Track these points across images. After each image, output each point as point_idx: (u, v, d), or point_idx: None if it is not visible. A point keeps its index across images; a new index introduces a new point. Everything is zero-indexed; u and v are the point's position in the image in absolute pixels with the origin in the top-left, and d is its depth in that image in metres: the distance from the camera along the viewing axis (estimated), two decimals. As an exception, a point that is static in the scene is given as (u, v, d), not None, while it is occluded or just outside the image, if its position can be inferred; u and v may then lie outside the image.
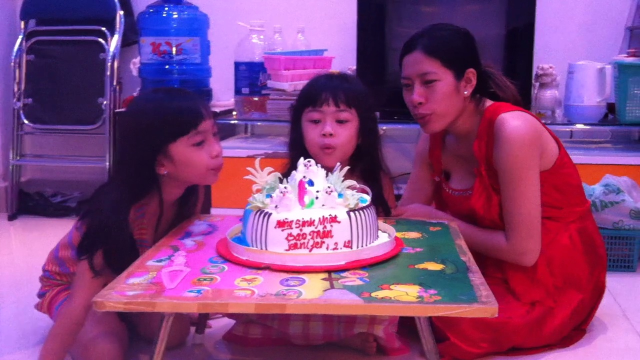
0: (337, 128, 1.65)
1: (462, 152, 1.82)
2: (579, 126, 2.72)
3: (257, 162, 1.44)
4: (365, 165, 1.70)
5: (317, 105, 1.66)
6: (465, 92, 1.72)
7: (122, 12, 3.24)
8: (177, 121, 1.53)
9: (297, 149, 1.69)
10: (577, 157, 2.10)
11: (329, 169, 1.46)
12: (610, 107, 2.74)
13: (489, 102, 1.77)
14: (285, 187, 1.37)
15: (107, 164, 3.19)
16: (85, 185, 3.42)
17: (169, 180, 1.58)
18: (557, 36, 2.99)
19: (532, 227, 1.68)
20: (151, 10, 3.01)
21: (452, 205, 1.85)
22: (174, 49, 2.96)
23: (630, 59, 2.68)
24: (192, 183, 1.64)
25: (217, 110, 3.09)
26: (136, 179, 1.54)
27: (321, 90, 1.66)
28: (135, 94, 3.18)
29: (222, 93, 3.24)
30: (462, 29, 1.76)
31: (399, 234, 1.51)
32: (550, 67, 2.78)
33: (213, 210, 2.81)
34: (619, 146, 2.75)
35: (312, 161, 1.43)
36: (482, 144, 1.72)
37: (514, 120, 1.67)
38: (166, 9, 2.99)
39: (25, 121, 3.27)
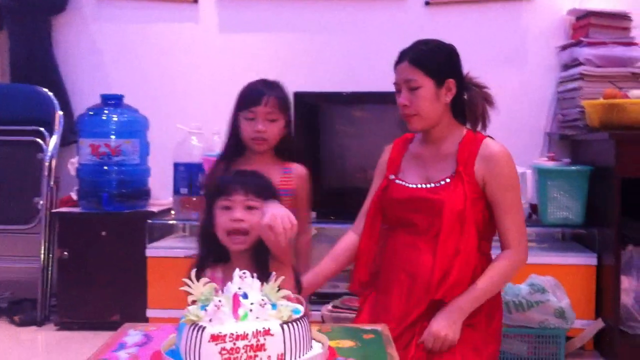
0: (246, 214, 1.72)
1: (426, 153, 1.99)
2: (505, 226, 2.84)
3: (193, 273, 1.47)
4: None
5: (227, 194, 1.73)
6: (447, 99, 1.92)
7: (61, 113, 3.26)
8: None
9: (206, 236, 1.74)
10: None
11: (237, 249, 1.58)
12: (534, 208, 2.88)
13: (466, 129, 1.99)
14: (219, 300, 1.39)
15: (41, 264, 3.13)
16: (18, 285, 3.33)
17: None
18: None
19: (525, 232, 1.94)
20: (91, 113, 3.05)
21: (399, 194, 1.97)
22: (112, 150, 2.99)
23: (550, 164, 2.85)
24: None
25: (155, 209, 3.11)
26: None
27: (230, 181, 1.75)
28: (72, 194, 3.18)
29: (161, 192, 3.27)
30: (446, 45, 1.97)
31: (332, 343, 1.54)
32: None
33: (149, 312, 2.79)
34: (543, 246, 2.87)
35: (247, 273, 1.46)
36: (464, 150, 1.92)
37: (497, 144, 1.93)
38: (106, 111, 3.04)
39: (-41, 221, 3.20)
